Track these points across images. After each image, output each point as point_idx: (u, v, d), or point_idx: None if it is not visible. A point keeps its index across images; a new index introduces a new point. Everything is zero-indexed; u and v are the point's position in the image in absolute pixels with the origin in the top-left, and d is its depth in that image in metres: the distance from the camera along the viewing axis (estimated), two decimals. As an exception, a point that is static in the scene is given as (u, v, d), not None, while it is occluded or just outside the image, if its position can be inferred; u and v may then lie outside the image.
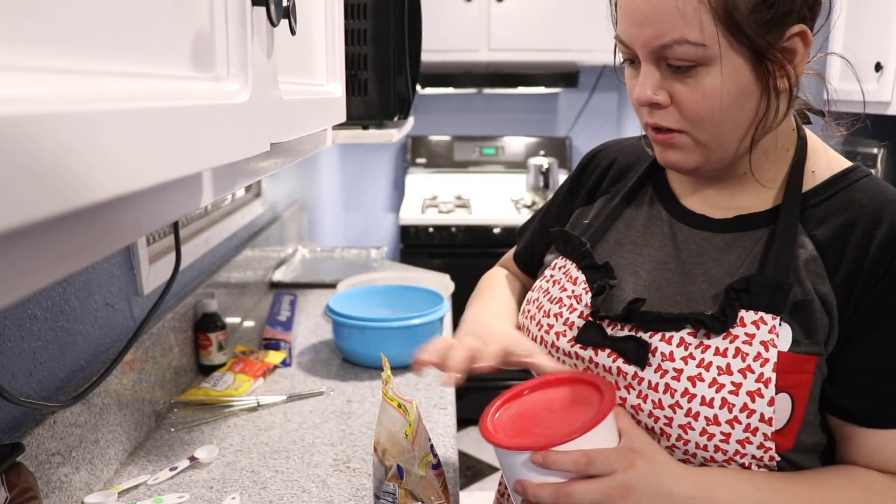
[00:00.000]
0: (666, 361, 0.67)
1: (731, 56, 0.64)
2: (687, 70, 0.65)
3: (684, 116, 0.67)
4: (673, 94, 0.67)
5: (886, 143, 2.78)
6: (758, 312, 0.66)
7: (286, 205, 2.29)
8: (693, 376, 0.66)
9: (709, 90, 0.65)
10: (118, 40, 0.33)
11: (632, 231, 0.80)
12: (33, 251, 0.27)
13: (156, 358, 1.19)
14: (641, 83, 0.68)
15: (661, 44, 0.64)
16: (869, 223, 0.66)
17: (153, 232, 0.94)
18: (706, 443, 0.66)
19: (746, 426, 0.64)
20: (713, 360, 0.66)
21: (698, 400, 0.65)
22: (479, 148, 3.36)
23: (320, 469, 1.05)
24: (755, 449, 0.65)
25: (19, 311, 0.84)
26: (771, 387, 0.64)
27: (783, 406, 0.65)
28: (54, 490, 0.88)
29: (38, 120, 0.24)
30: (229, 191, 0.55)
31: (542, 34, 2.81)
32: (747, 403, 0.64)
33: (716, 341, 0.66)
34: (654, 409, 0.68)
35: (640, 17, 0.65)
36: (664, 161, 0.72)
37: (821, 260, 0.67)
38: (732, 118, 0.66)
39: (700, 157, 0.70)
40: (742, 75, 0.64)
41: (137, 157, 0.31)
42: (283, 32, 0.61)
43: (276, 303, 1.78)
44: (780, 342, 0.65)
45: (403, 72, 1.25)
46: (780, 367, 0.64)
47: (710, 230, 0.74)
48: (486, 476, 2.67)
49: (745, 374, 0.64)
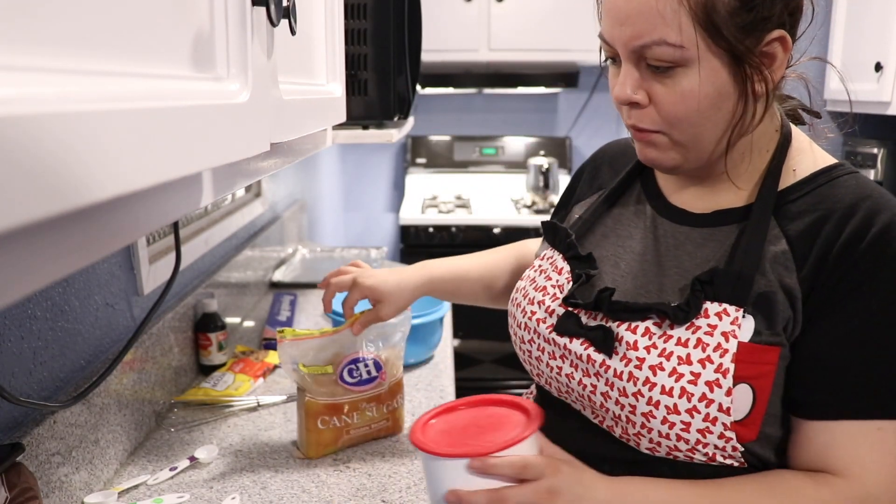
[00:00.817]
0: (630, 350, 0.69)
1: (710, 58, 0.64)
2: (665, 71, 0.65)
3: (662, 117, 0.68)
4: (651, 94, 0.67)
5: (887, 143, 2.78)
6: (721, 304, 0.66)
7: (286, 205, 2.29)
8: (654, 365, 0.67)
9: (686, 91, 0.65)
10: (118, 40, 0.33)
11: (618, 225, 0.82)
12: (33, 251, 0.27)
13: (156, 358, 1.19)
14: (621, 82, 0.68)
15: (640, 44, 0.65)
16: (842, 216, 0.66)
17: (153, 232, 0.94)
18: (668, 431, 0.67)
19: (706, 416, 0.65)
20: (674, 350, 0.67)
21: (658, 389, 0.66)
22: (479, 148, 3.36)
23: (320, 469, 1.05)
24: (716, 439, 0.66)
25: (19, 311, 0.84)
26: (729, 377, 0.64)
27: (743, 397, 0.65)
28: (54, 490, 0.88)
29: (38, 120, 0.24)
30: (229, 191, 0.55)
31: (542, 34, 2.81)
32: (706, 393, 0.65)
33: (679, 331, 0.67)
34: (619, 397, 0.69)
35: (621, 16, 0.66)
36: (643, 158, 0.73)
37: (790, 253, 0.67)
38: (709, 120, 0.67)
39: (678, 156, 0.71)
40: (720, 78, 0.65)
41: (137, 157, 0.31)
42: (283, 32, 0.61)
43: (276, 303, 1.78)
44: (741, 333, 0.65)
45: (403, 72, 1.25)
46: (739, 357, 0.65)
47: (688, 224, 0.76)
48: (486, 476, 2.67)
49: (704, 364, 0.65)
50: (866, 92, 2.71)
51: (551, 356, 0.77)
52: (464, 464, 0.66)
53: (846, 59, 2.87)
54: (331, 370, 1.08)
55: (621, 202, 0.84)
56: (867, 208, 0.66)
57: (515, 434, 0.68)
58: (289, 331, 1.06)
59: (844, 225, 0.66)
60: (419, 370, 1.43)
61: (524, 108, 3.43)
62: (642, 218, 0.80)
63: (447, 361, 1.48)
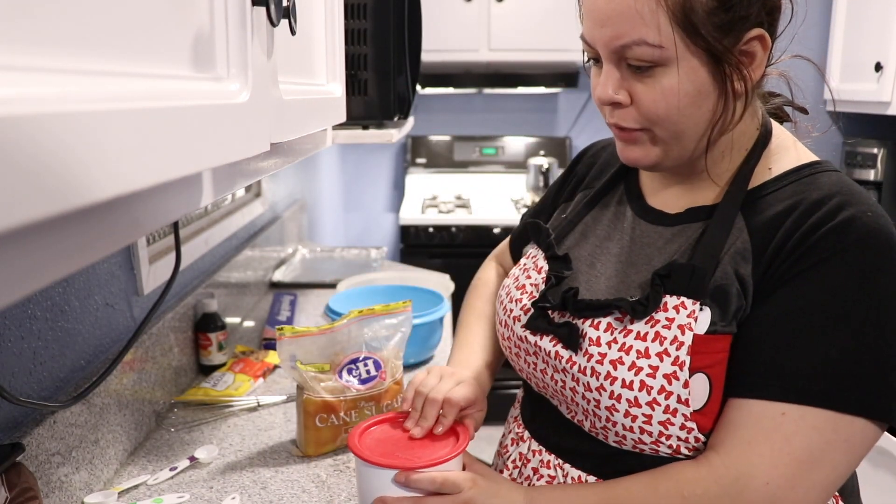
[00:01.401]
0: (593, 346, 0.71)
1: (688, 58, 0.65)
2: (646, 70, 0.66)
3: (643, 115, 0.68)
4: (633, 94, 0.68)
5: (887, 143, 2.78)
6: (680, 297, 0.67)
7: (286, 205, 2.29)
8: (615, 360, 0.69)
9: (666, 90, 0.66)
10: (118, 40, 0.33)
11: (598, 226, 0.83)
12: (33, 251, 0.27)
13: (156, 358, 1.19)
14: (602, 83, 0.69)
15: (620, 44, 0.66)
16: (806, 209, 0.66)
17: (153, 232, 0.94)
18: (631, 424, 0.68)
19: (665, 408, 0.66)
20: (633, 344, 0.68)
21: (619, 383, 0.68)
22: (479, 148, 3.36)
23: (320, 469, 1.05)
24: (678, 430, 0.67)
25: (19, 311, 0.84)
26: (685, 369, 0.65)
27: (700, 386, 0.66)
28: (54, 490, 0.88)
29: (37, 120, 0.24)
30: (229, 191, 0.55)
31: (542, 34, 2.81)
32: (664, 386, 0.66)
33: (638, 326, 0.69)
34: (585, 392, 0.71)
35: (601, 17, 0.67)
36: (625, 158, 0.74)
37: (749, 244, 0.68)
38: (690, 118, 0.68)
39: (659, 153, 0.71)
40: (699, 76, 0.66)
41: (137, 157, 0.31)
42: (283, 32, 0.61)
43: (276, 303, 1.78)
44: (697, 326, 0.66)
45: (403, 72, 1.25)
46: (694, 349, 0.65)
47: (663, 224, 0.77)
48: (486, 476, 2.68)
49: (661, 357, 0.66)
50: (866, 92, 2.70)
51: (527, 353, 0.80)
52: (391, 474, 0.74)
53: (846, 59, 2.87)
54: (329, 368, 1.08)
55: (603, 203, 0.85)
56: (834, 203, 0.65)
57: (443, 454, 0.76)
58: (288, 328, 1.06)
59: (808, 217, 0.66)
60: (419, 370, 1.43)
61: (524, 108, 3.43)
62: (622, 220, 0.81)
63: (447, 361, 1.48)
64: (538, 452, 0.82)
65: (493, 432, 3.39)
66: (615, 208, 0.83)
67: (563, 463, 0.78)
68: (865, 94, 2.70)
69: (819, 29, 3.08)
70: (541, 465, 0.81)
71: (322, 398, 1.05)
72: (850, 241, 0.63)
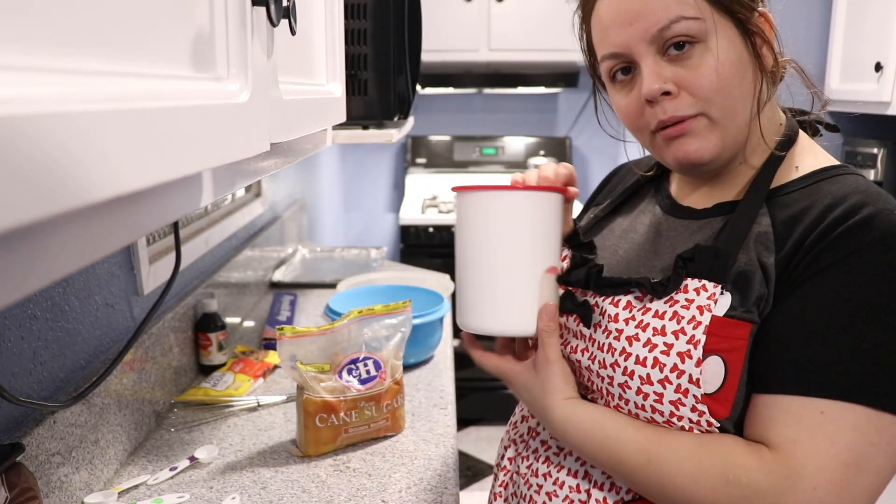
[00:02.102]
0: (611, 322, 0.72)
1: (723, 28, 0.68)
2: (685, 51, 0.68)
3: (696, 96, 0.69)
4: (678, 82, 0.69)
5: (887, 143, 2.78)
6: (701, 280, 0.68)
7: (286, 205, 2.29)
8: (631, 336, 0.69)
9: (711, 64, 0.68)
10: (118, 40, 0.33)
11: (626, 221, 0.85)
12: (33, 251, 0.27)
13: (156, 358, 1.19)
14: (649, 77, 0.69)
15: (659, 28, 0.67)
16: (828, 206, 0.67)
17: (153, 232, 0.94)
18: (643, 402, 0.68)
19: (677, 387, 0.66)
20: (650, 322, 0.68)
21: (633, 358, 0.68)
22: (479, 148, 3.36)
23: (320, 469, 1.05)
24: (689, 412, 0.66)
25: (19, 311, 0.84)
26: (699, 348, 0.65)
27: (714, 369, 0.65)
28: (54, 490, 0.88)
29: (37, 120, 0.24)
30: (229, 191, 0.55)
31: (542, 34, 2.81)
32: (677, 364, 0.66)
33: (657, 304, 0.69)
34: (600, 369, 0.72)
35: (629, 15, 0.68)
36: (682, 154, 0.71)
37: (772, 234, 0.68)
38: (738, 88, 0.69)
39: (717, 140, 0.70)
40: (736, 46, 0.68)
41: (137, 158, 0.31)
42: (283, 32, 0.61)
43: (276, 303, 1.78)
44: (716, 308, 0.66)
45: (403, 72, 1.25)
46: (711, 329, 0.65)
47: (690, 218, 0.78)
48: (485, 476, 2.67)
49: (677, 335, 0.66)
50: (866, 92, 2.70)
51: None
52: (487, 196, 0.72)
53: (846, 59, 2.87)
54: (329, 368, 1.08)
55: (632, 203, 0.88)
56: (855, 200, 0.66)
57: None
58: (288, 328, 1.06)
59: (829, 213, 0.66)
60: (419, 370, 1.43)
61: (524, 108, 3.43)
62: (649, 216, 0.83)
63: (447, 361, 1.48)
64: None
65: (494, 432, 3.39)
66: (644, 206, 0.85)
67: None
68: (865, 94, 2.70)
69: (819, 29, 3.08)
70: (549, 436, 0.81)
71: (322, 398, 1.05)
72: (874, 237, 0.63)
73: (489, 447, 2.89)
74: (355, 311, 1.12)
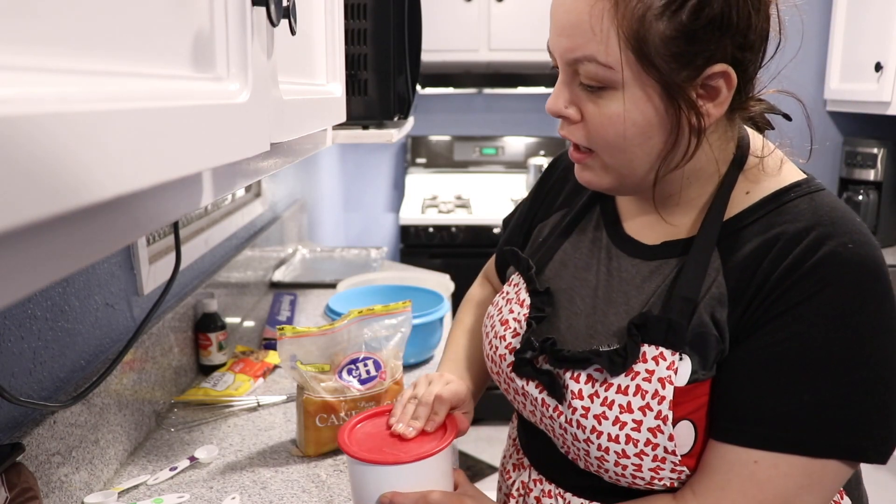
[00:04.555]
0: (575, 399, 0.68)
1: (638, 85, 0.61)
2: (597, 90, 0.63)
3: (590, 137, 0.66)
4: (583, 112, 0.66)
5: (887, 143, 2.78)
6: (658, 347, 0.65)
7: (286, 205, 2.29)
8: (598, 415, 0.67)
9: (613, 115, 0.63)
10: (118, 40, 0.33)
11: (577, 253, 0.80)
12: (33, 251, 0.27)
13: (156, 358, 1.19)
14: (555, 94, 0.67)
15: (573, 57, 0.63)
16: (784, 246, 0.63)
17: (153, 232, 0.94)
18: (622, 472, 0.68)
19: (654, 457, 0.65)
20: (615, 399, 0.66)
21: (605, 437, 0.66)
22: (479, 148, 3.36)
23: (320, 469, 1.05)
24: (669, 473, 0.67)
25: (19, 311, 0.84)
26: (669, 423, 0.64)
27: (685, 433, 0.65)
28: (54, 490, 0.88)
29: (37, 120, 0.24)
30: (229, 191, 0.55)
31: (542, 34, 2.81)
32: (650, 438, 0.65)
33: (619, 379, 0.66)
34: (573, 442, 0.70)
35: (559, 27, 0.64)
36: (581, 179, 0.72)
37: (725, 288, 0.65)
38: (640, 147, 0.64)
39: (613, 180, 0.69)
40: (648, 108, 0.62)
41: (137, 158, 0.31)
42: (283, 32, 0.61)
43: (276, 303, 1.78)
44: (677, 378, 0.64)
45: (403, 72, 1.25)
46: (676, 400, 0.64)
47: (640, 257, 0.73)
48: (485, 476, 2.67)
49: (644, 411, 0.65)
50: (866, 92, 2.70)
51: (515, 392, 0.78)
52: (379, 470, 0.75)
53: (846, 59, 2.87)
54: (329, 368, 1.08)
55: (580, 227, 0.82)
56: (813, 238, 0.62)
57: (431, 447, 0.76)
58: (289, 328, 1.06)
59: (786, 256, 0.62)
60: (419, 370, 1.43)
61: (524, 108, 3.43)
62: (599, 247, 0.78)
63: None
64: (539, 482, 0.81)
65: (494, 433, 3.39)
66: (592, 234, 0.80)
67: (565, 492, 0.77)
68: (865, 94, 2.70)
69: (819, 29, 3.08)
70: (542, 494, 0.79)
71: (322, 398, 1.05)
72: (829, 280, 0.60)
73: (489, 447, 2.89)
74: (355, 311, 1.12)
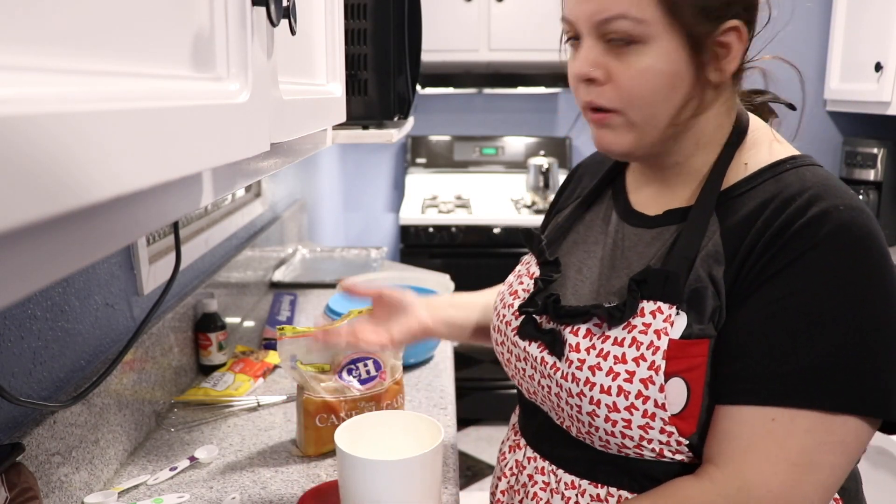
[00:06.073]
0: (573, 352, 0.71)
1: (668, 38, 0.66)
2: (625, 46, 0.67)
3: (619, 94, 0.68)
4: (610, 72, 0.68)
5: (887, 143, 2.78)
6: (656, 302, 0.67)
7: (286, 205, 2.29)
8: (593, 366, 0.69)
9: (644, 68, 0.67)
10: (118, 40, 0.33)
11: (588, 232, 0.83)
12: (33, 251, 0.27)
13: (156, 358, 1.19)
14: (581, 58, 0.69)
15: (602, 18, 0.66)
16: (777, 207, 0.66)
17: (153, 232, 0.94)
18: (612, 429, 0.68)
19: (644, 412, 0.66)
20: (611, 350, 0.68)
21: (598, 388, 0.68)
22: (479, 148, 3.36)
23: (320, 469, 1.05)
24: (658, 434, 0.67)
25: (19, 311, 0.84)
26: (661, 374, 0.65)
27: (677, 391, 0.66)
28: (54, 490, 0.88)
29: (36, 120, 0.24)
30: (229, 191, 0.55)
31: (542, 34, 2.81)
32: (641, 390, 0.66)
33: (616, 332, 0.69)
34: (567, 398, 0.72)
35: None
36: (599, 143, 0.74)
37: (721, 246, 0.68)
38: (665, 100, 0.68)
39: (632, 139, 0.71)
40: (676, 59, 0.66)
41: (137, 158, 0.31)
42: (283, 32, 0.61)
43: (276, 303, 1.78)
44: (673, 330, 0.66)
45: (403, 72, 1.25)
46: (669, 353, 0.65)
47: (643, 226, 0.77)
48: (485, 476, 2.67)
49: (638, 362, 0.66)
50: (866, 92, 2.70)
51: (517, 358, 0.80)
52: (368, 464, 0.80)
53: (846, 59, 2.87)
54: (329, 368, 1.08)
55: (594, 208, 0.85)
56: (805, 199, 0.65)
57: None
58: (289, 328, 1.06)
59: (779, 215, 0.65)
60: (419, 370, 1.43)
61: (524, 108, 3.43)
62: (607, 223, 0.81)
63: (447, 361, 1.48)
64: (533, 459, 0.82)
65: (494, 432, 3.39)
66: (604, 212, 0.83)
67: (557, 469, 0.78)
68: (865, 94, 2.70)
69: (819, 29, 3.07)
70: (535, 471, 0.81)
71: (322, 398, 1.05)
72: (821, 238, 0.62)
73: (489, 447, 2.89)
74: (355, 311, 1.12)
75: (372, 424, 0.91)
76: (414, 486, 0.81)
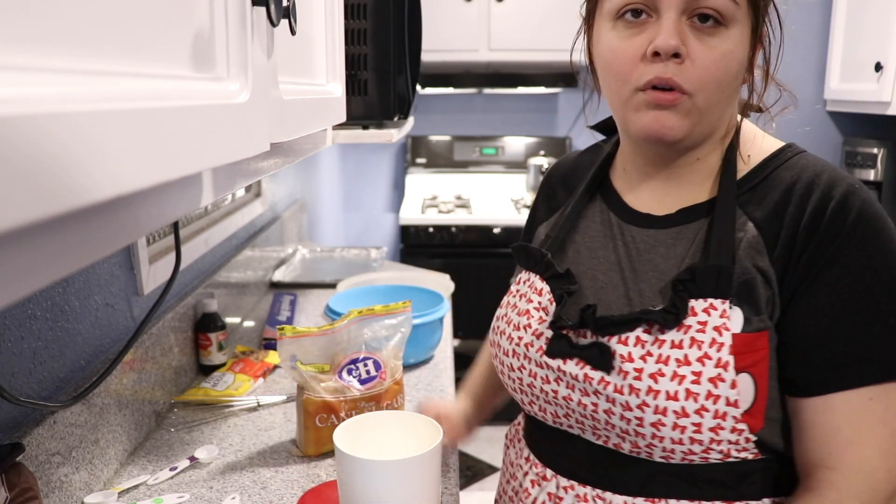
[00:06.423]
0: (626, 363, 0.68)
1: (743, 25, 0.67)
2: (710, 28, 0.67)
3: (697, 76, 0.67)
4: (690, 52, 0.67)
5: (887, 143, 2.78)
6: (707, 300, 0.66)
7: (286, 205, 2.29)
8: (654, 373, 0.66)
9: (726, 52, 0.67)
10: (118, 40, 0.33)
11: (587, 239, 0.81)
12: (33, 251, 0.27)
13: (156, 358, 1.19)
14: (667, 32, 0.66)
15: None
16: (802, 196, 0.68)
17: (153, 232, 0.94)
18: (680, 436, 0.66)
19: (715, 413, 0.65)
20: (671, 354, 0.66)
21: (663, 395, 0.66)
22: (479, 148, 3.36)
23: (320, 469, 1.05)
24: (729, 434, 0.66)
25: (19, 311, 0.84)
26: (731, 369, 0.64)
27: (746, 386, 0.65)
28: (54, 490, 0.88)
29: (36, 120, 0.24)
30: (229, 191, 0.55)
31: (542, 34, 2.81)
32: (711, 390, 0.65)
33: (670, 335, 0.67)
34: (624, 412, 0.68)
35: None
36: (653, 126, 0.69)
37: (760, 237, 0.68)
38: (731, 86, 0.69)
39: (690, 125, 0.69)
40: (745, 46, 0.68)
41: (137, 158, 0.31)
42: (283, 32, 0.61)
43: (276, 303, 1.78)
44: (731, 325, 0.65)
45: (403, 72, 1.25)
46: (735, 349, 0.65)
47: (655, 227, 0.75)
48: (485, 476, 2.67)
49: (703, 361, 0.65)
50: (866, 92, 2.70)
51: (545, 380, 0.75)
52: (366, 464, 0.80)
53: (846, 59, 2.87)
54: (329, 368, 1.08)
55: (585, 216, 0.83)
56: (823, 184, 0.67)
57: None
58: (289, 328, 1.06)
59: (805, 204, 0.67)
60: (419, 370, 1.43)
61: (524, 108, 3.43)
62: (609, 227, 0.80)
63: (447, 361, 1.48)
64: (569, 489, 0.77)
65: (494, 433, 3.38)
66: (599, 216, 0.81)
67: (604, 492, 0.74)
68: (865, 94, 2.70)
69: (819, 29, 3.07)
70: (577, 499, 0.76)
71: (322, 398, 1.05)
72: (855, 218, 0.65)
73: (489, 447, 2.89)
74: (355, 311, 1.12)
75: (371, 424, 0.91)
76: (413, 486, 0.81)
